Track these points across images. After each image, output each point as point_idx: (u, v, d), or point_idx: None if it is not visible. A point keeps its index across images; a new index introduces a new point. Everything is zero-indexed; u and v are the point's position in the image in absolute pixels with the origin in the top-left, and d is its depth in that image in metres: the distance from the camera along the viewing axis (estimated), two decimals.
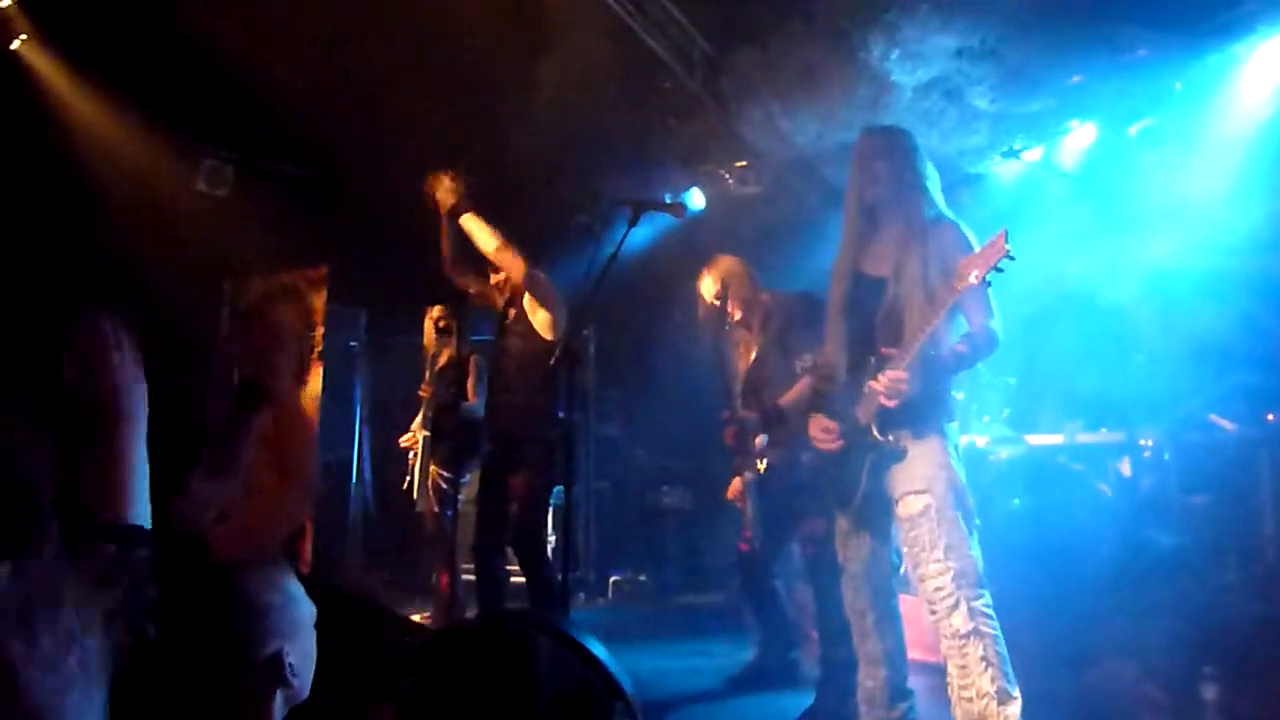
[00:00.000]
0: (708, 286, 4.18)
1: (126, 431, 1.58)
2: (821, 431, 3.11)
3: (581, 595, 6.46)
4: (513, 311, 4.16)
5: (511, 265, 4.03)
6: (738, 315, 4.14)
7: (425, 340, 5.46)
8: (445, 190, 4.08)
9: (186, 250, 5.90)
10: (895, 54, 4.68)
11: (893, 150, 3.14)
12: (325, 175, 6.36)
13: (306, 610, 1.71)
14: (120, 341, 1.53)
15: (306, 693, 1.45)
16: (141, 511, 1.38)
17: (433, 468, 5.12)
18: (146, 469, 1.54)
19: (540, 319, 4.04)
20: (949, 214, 3.08)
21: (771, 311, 4.11)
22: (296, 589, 1.75)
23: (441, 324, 4.99)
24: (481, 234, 4.03)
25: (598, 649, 1.02)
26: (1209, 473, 4.29)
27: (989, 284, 2.80)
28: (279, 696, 1.55)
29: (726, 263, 4.21)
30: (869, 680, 3.14)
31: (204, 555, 2.18)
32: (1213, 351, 4.24)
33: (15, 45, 5.48)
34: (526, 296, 4.07)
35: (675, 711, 3.90)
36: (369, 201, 6.17)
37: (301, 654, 1.65)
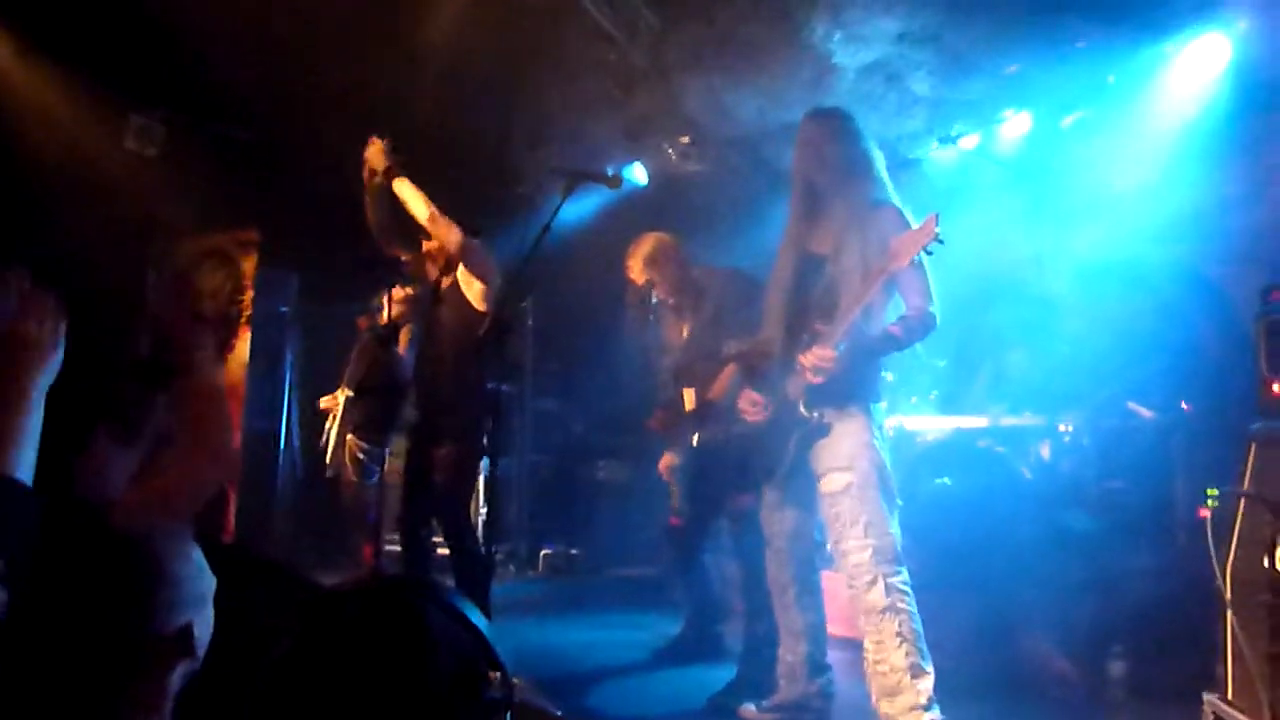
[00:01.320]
0: (635, 266, 4.16)
1: (22, 384, 1.53)
2: (749, 404, 3.15)
3: (512, 568, 6.45)
4: (446, 281, 4.09)
5: (446, 234, 3.95)
6: (666, 297, 4.14)
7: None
8: (377, 153, 3.98)
9: (113, 210, 5.71)
10: (838, 35, 4.69)
11: (836, 133, 3.17)
12: (260, 137, 6.19)
13: (210, 583, 1.68)
14: (34, 297, 1.49)
15: (200, 664, 1.43)
16: (24, 467, 1.34)
17: (349, 438, 5.02)
18: (38, 428, 1.49)
19: (474, 290, 3.98)
20: (893, 198, 3.12)
21: (704, 290, 4.12)
22: (202, 560, 1.72)
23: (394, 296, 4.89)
24: (414, 201, 3.94)
25: (479, 620, 1.01)
26: (1126, 458, 4.42)
27: (918, 264, 2.85)
28: (179, 668, 1.52)
29: (655, 241, 4.18)
30: (789, 654, 3.19)
31: (111, 522, 2.12)
32: (1134, 339, 4.35)
33: None
34: (460, 267, 4.01)
35: (601, 683, 3.93)
36: (304, 165, 6.02)
37: (204, 625, 1.62)
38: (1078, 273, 4.82)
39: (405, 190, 3.95)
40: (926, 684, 2.83)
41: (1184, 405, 4.37)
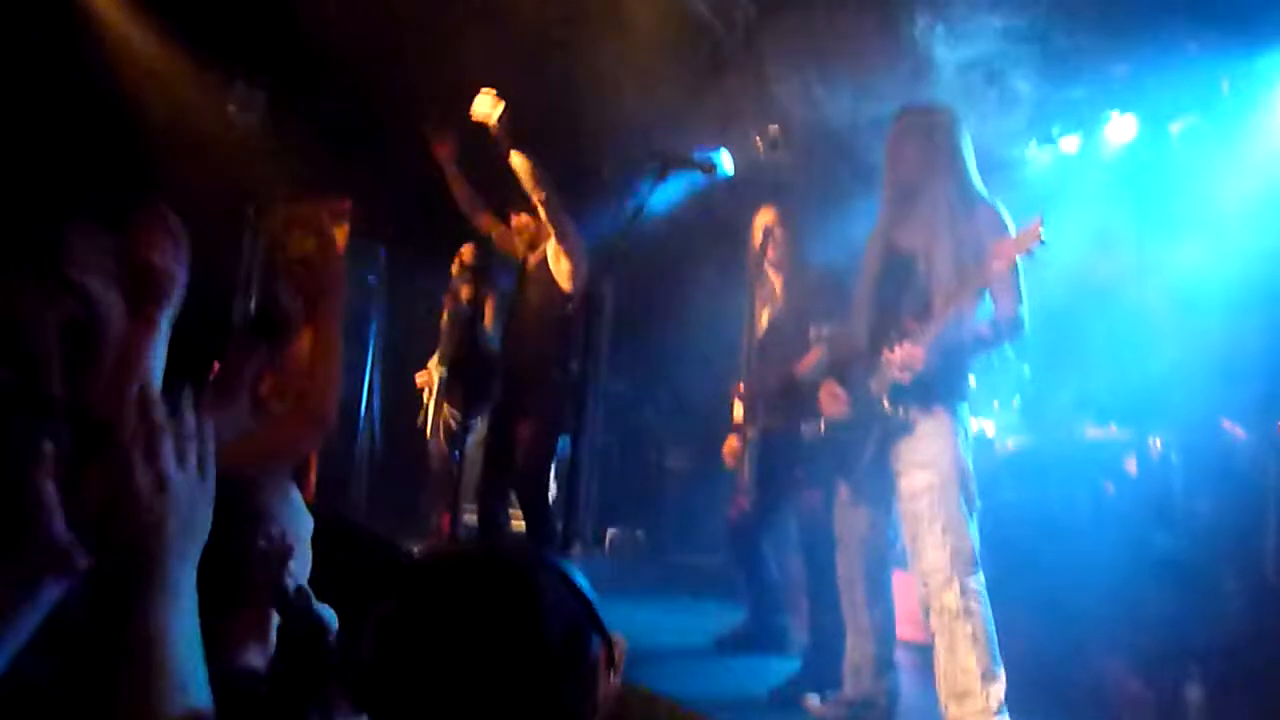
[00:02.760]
0: (757, 226, 4.16)
1: (153, 312, 1.62)
2: (830, 397, 3.13)
3: (578, 546, 6.50)
4: (533, 259, 4.14)
5: (550, 211, 3.98)
6: (772, 257, 4.14)
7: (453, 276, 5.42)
8: (490, 108, 3.98)
9: (214, 173, 5.90)
10: (939, 29, 4.59)
11: (930, 130, 3.13)
12: (355, 108, 6.33)
13: (308, 524, 1.74)
14: (165, 227, 1.58)
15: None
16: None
17: (445, 407, 5.12)
18: (164, 354, 1.57)
19: (562, 268, 4.02)
20: (987, 196, 3.06)
21: (800, 274, 4.10)
22: (300, 502, 1.78)
23: (467, 261, 4.97)
24: (528, 174, 3.97)
25: (584, 584, 1.03)
26: (1216, 478, 4.27)
27: (1019, 270, 2.79)
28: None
29: (777, 207, 4.21)
30: (856, 652, 3.17)
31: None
32: (1231, 358, 4.20)
33: None
34: (551, 244, 4.05)
35: (663, 664, 3.95)
36: (397, 137, 6.14)
37: (303, 564, 1.67)
38: (1178, 287, 4.65)
39: (521, 164, 3.97)
40: (998, 689, 2.79)
41: None
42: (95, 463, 1.02)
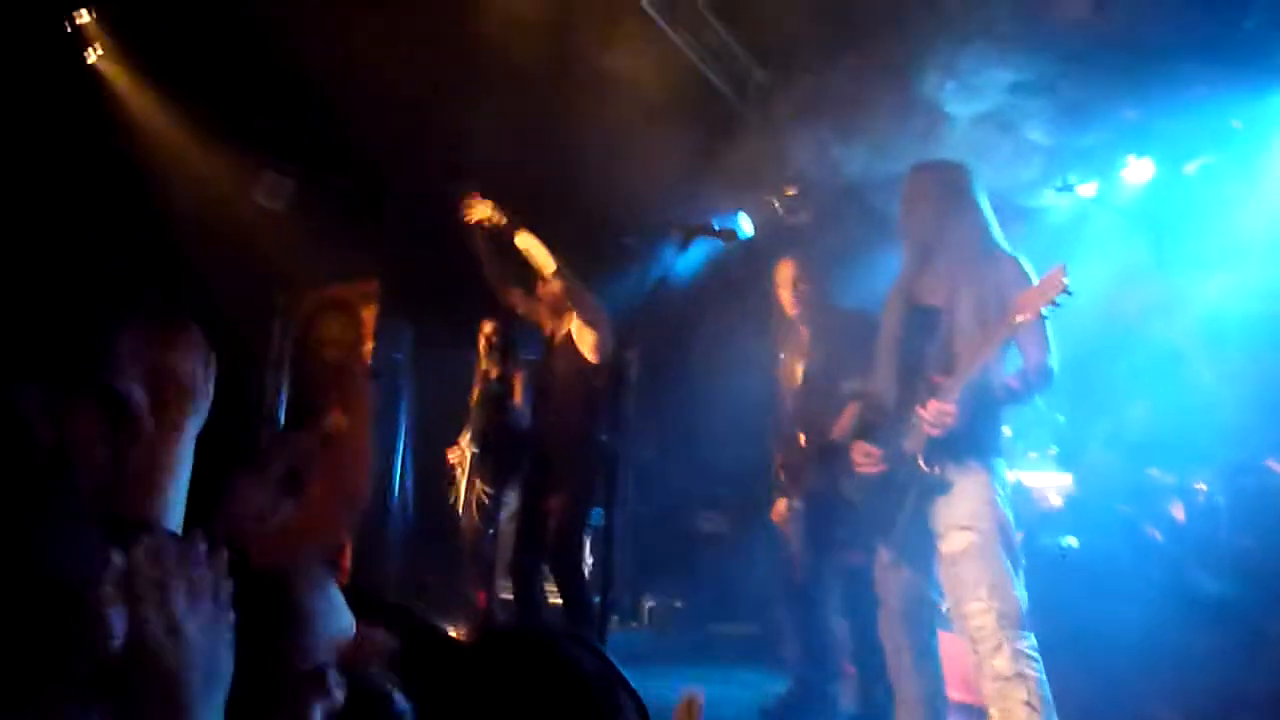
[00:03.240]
0: (780, 282, 4.18)
1: (177, 429, 1.62)
2: (863, 456, 3.10)
3: (615, 618, 6.42)
4: (560, 332, 4.18)
5: (568, 288, 4.04)
6: (796, 311, 4.15)
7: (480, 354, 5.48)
8: (488, 209, 4.10)
9: (242, 261, 6.02)
10: (950, 86, 4.66)
11: (946, 184, 3.15)
12: (375, 187, 6.46)
13: (348, 621, 1.73)
14: (192, 341, 1.59)
15: (341, 701, 1.46)
16: (174, 514, 1.41)
17: (478, 484, 5.14)
18: (188, 473, 1.57)
19: (587, 341, 4.05)
20: (1007, 247, 3.06)
21: (828, 324, 4.11)
22: (339, 598, 1.77)
23: (492, 339, 5.02)
24: (539, 253, 4.04)
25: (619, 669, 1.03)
26: (1264, 519, 4.18)
27: (1046, 318, 2.78)
28: (317, 707, 1.56)
29: (797, 263, 4.23)
30: (906, 718, 3.09)
31: (250, 560, 2.21)
32: (1268, 396, 4.14)
33: (92, 58, 5.66)
34: (575, 318, 4.09)
35: None
36: (417, 214, 6.25)
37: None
38: (1206, 324, 4.61)
39: (528, 243, 4.05)
40: None
41: None
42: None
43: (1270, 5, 4.27)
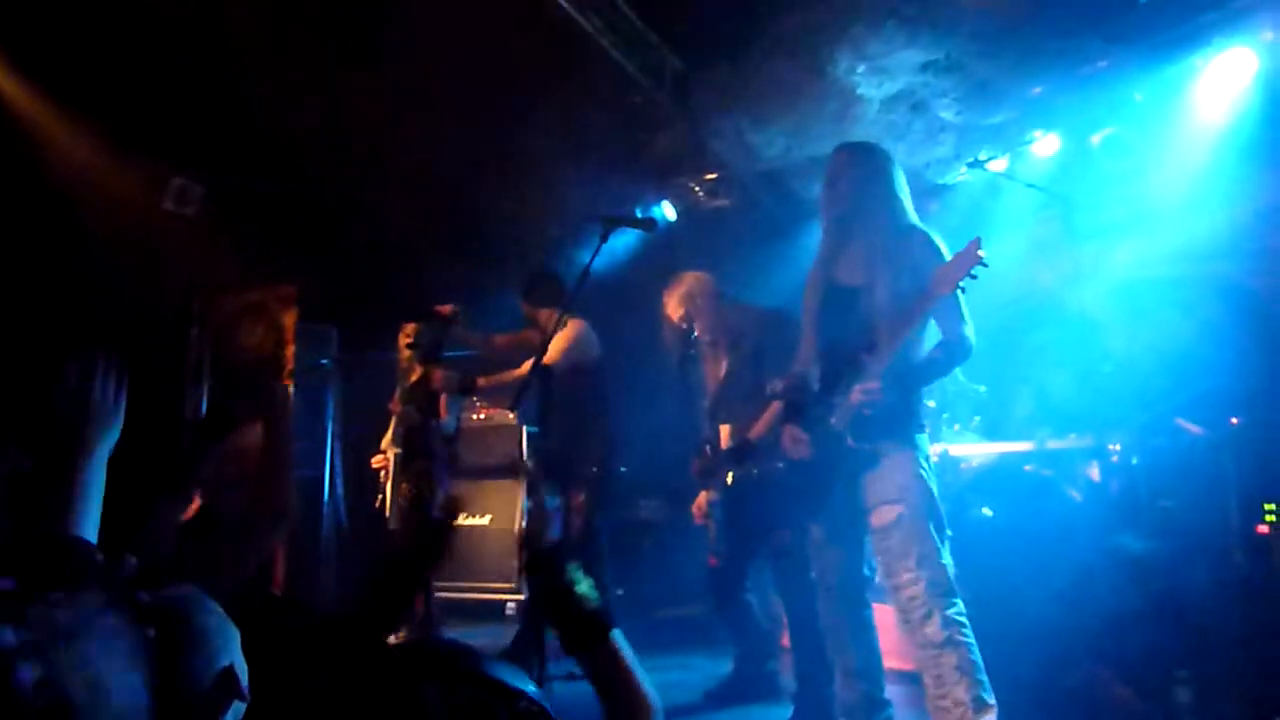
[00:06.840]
0: (673, 305, 4.19)
1: (88, 449, 1.59)
2: (792, 441, 3.13)
3: None
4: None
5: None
6: (704, 334, 4.15)
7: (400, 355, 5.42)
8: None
9: (155, 270, 5.83)
10: (862, 68, 4.73)
11: (862, 164, 3.19)
12: (295, 191, 6.30)
13: (233, 634, 1.70)
14: (108, 374, 1.55)
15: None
16: (89, 527, 1.38)
17: (403, 486, 5.07)
18: (101, 490, 1.55)
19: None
20: (920, 224, 3.12)
21: (742, 328, 4.13)
22: (221, 612, 1.74)
23: (412, 340, 4.95)
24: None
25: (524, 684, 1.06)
26: (1177, 476, 4.34)
27: (963, 291, 2.84)
28: (228, 712, 1.52)
29: (691, 280, 4.21)
30: (846, 691, 3.14)
31: (164, 579, 2.15)
32: (1178, 357, 4.29)
33: None
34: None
35: None
36: (339, 217, 6.13)
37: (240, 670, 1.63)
38: (1118, 291, 4.77)
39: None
40: (990, 718, 2.77)
41: (1233, 421, 4.30)
42: None
43: None
